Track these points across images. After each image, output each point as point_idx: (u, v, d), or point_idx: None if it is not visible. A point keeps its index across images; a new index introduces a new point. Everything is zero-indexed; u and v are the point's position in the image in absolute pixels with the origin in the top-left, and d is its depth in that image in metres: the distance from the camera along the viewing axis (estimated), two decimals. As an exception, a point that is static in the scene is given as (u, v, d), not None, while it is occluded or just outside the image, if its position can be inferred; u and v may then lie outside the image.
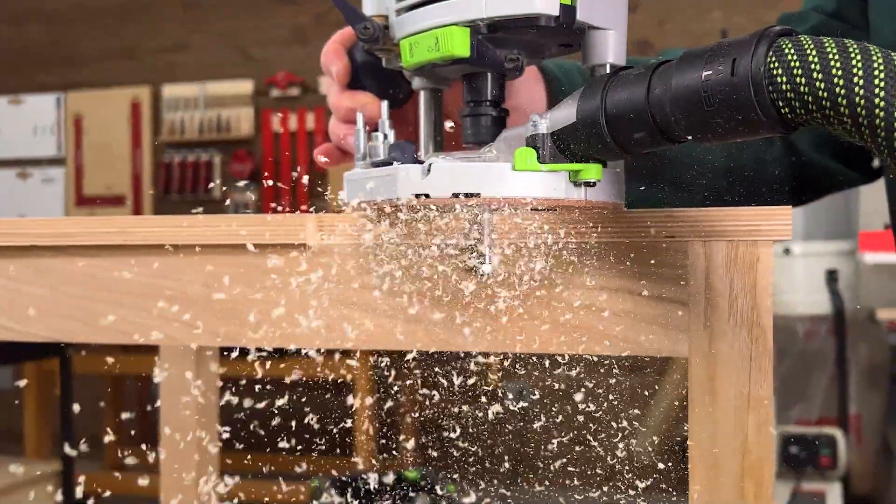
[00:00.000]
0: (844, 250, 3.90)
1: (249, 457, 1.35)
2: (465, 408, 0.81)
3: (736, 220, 0.65)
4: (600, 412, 0.76)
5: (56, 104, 5.32)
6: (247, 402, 0.89)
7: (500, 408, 0.83)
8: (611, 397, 0.76)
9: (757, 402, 0.65)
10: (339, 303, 0.75)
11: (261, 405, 0.88)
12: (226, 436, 1.21)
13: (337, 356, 0.80)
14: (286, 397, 0.89)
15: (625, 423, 0.72)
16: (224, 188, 5.00)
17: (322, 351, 0.78)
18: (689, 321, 0.67)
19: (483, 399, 0.83)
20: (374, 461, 3.55)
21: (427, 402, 0.81)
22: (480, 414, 0.87)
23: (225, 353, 0.86)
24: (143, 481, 1.01)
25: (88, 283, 0.82)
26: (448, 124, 0.77)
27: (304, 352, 0.77)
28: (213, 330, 0.79)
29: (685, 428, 0.67)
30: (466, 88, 0.70)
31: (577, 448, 0.78)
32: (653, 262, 0.67)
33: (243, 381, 0.89)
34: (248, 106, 5.00)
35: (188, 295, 0.79)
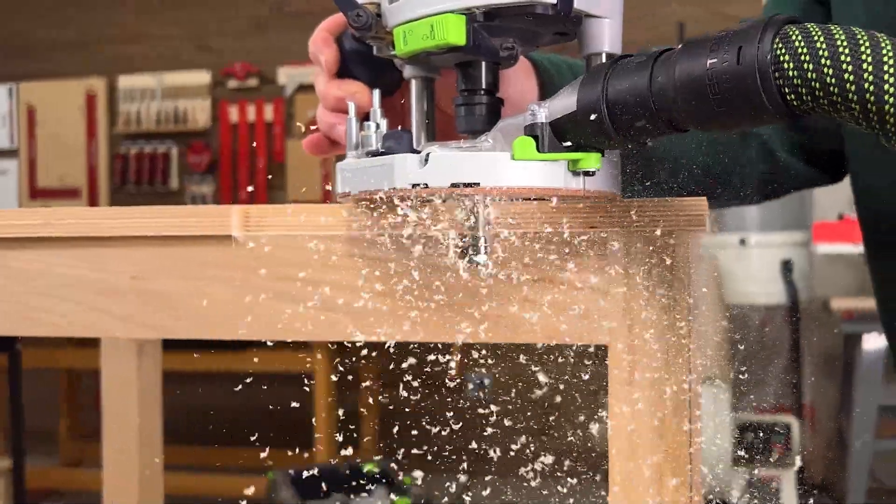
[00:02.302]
0: (799, 241, 3.96)
1: (202, 451, 1.34)
2: (425, 399, 0.81)
3: (654, 211, 0.66)
4: (559, 400, 0.77)
5: (8, 94, 5.21)
6: (199, 395, 0.87)
7: (461, 398, 0.84)
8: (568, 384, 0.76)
9: (676, 388, 0.66)
10: (272, 294, 0.75)
11: (214, 398, 0.87)
12: (176, 429, 1.19)
13: (294, 348, 0.79)
14: (241, 390, 0.87)
15: (582, 411, 0.73)
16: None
17: (290, 343, 0.77)
18: (609, 310, 0.68)
19: (444, 389, 0.83)
20: (332, 454, 3.54)
21: (386, 394, 0.81)
22: (441, 405, 0.87)
23: (173, 346, 0.85)
24: (95, 476, 0.99)
25: (19, 277, 0.81)
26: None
27: (268, 344, 0.77)
28: (145, 322, 0.78)
29: None
30: (461, 77, 0.69)
31: (534, 437, 0.78)
32: (575, 252, 0.68)
33: (193, 374, 0.87)
34: (206, 97, 4.95)
35: (118, 287, 0.78)
